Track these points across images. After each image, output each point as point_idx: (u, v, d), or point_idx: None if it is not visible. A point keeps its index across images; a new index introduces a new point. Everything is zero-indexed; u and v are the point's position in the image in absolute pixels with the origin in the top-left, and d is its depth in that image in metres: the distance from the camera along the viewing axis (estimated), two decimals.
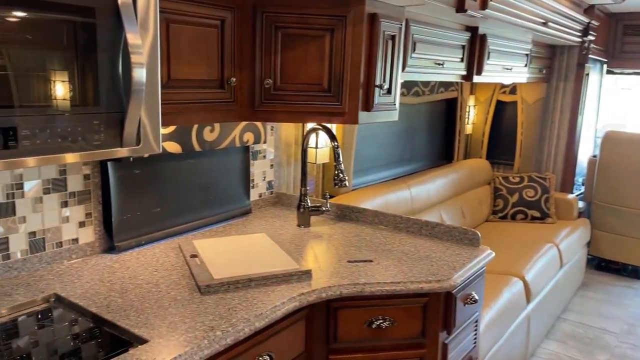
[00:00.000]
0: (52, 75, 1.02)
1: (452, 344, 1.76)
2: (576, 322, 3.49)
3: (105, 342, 1.23)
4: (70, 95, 1.05)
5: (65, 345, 1.21)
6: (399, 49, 1.97)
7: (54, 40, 1.02)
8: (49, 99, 1.02)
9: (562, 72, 4.10)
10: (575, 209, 4.07)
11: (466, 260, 1.79)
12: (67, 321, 1.32)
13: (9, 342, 1.20)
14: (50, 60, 1.02)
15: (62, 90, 1.04)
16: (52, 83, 1.02)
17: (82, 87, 1.07)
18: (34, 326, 1.29)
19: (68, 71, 1.04)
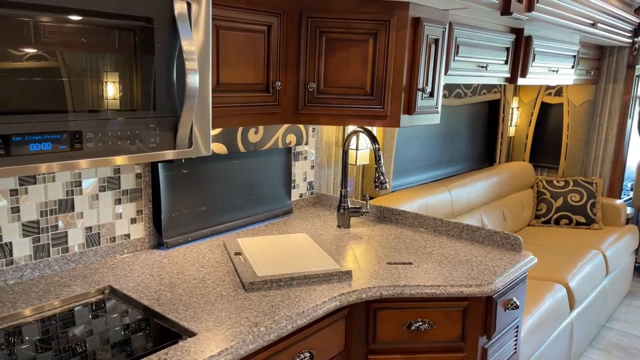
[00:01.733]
0: (114, 81, 1.09)
1: (491, 349, 1.75)
2: (622, 332, 3.37)
3: (156, 333, 1.30)
4: (129, 100, 1.12)
5: (118, 335, 1.28)
6: (442, 52, 1.97)
7: (116, 48, 1.08)
8: (111, 104, 1.09)
9: (611, 74, 3.96)
10: (623, 215, 3.94)
11: (507, 265, 1.78)
12: (120, 312, 1.40)
13: (66, 331, 1.29)
14: (112, 67, 1.09)
15: (122, 96, 1.11)
16: (113, 88, 1.09)
17: (141, 92, 1.14)
18: (89, 316, 1.38)
19: (128, 77, 1.11)
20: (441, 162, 3.48)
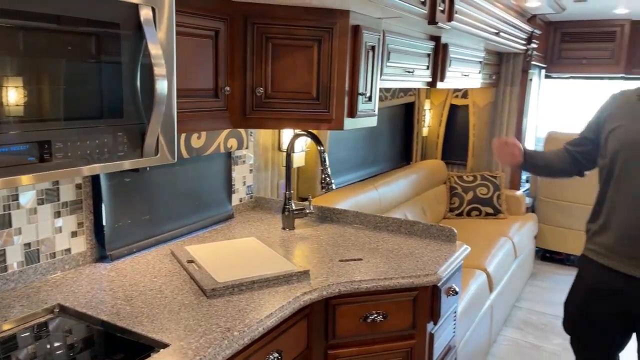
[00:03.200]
0: (80, 88, 1.04)
1: (437, 334, 1.89)
2: (530, 310, 3.75)
3: (125, 348, 1.25)
4: (97, 108, 1.08)
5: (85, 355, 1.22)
6: (378, 58, 2.08)
7: (82, 55, 1.04)
8: (78, 112, 1.04)
9: (508, 78, 4.39)
10: (523, 205, 4.37)
11: (447, 255, 1.93)
12: (78, 330, 1.33)
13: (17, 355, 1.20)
14: (78, 74, 1.04)
15: (89, 103, 1.06)
16: (80, 96, 1.04)
17: (107, 100, 1.10)
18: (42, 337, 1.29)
19: (95, 85, 1.07)
20: (367, 162, 3.64)
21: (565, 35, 5.06)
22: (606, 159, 1.88)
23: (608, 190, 1.87)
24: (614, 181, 1.85)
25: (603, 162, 1.91)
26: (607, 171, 1.88)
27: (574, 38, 5.03)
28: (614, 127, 1.85)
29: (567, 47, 5.09)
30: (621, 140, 1.82)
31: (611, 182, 1.86)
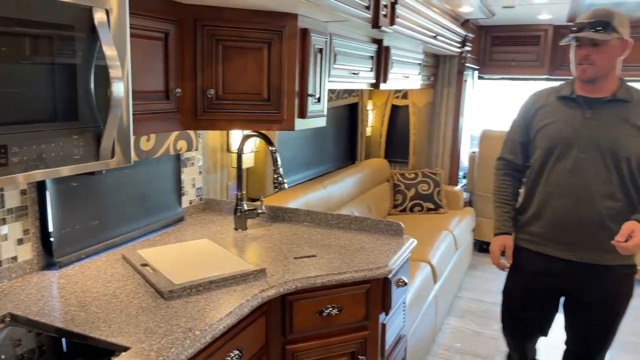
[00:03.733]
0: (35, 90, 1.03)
1: (388, 324, 1.97)
2: (470, 299, 3.96)
3: (85, 354, 1.24)
4: (51, 111, 1.06)
5: None
6: (326, 60, 2.14)
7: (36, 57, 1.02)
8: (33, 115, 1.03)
9: (445, 79, 4.61)
10: (461, 200, 4.61)
11: (396, 248, 2.02)
12: (33, 338, 1.30)
13: None
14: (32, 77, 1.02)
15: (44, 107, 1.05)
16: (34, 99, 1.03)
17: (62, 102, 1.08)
18: None
19: (49, 88, 1.05)
20: (313, 162, 3.71)
21: (496, 39, 5.37)
22: (536, 155, 2.04)
23: (539, 183, 2.04)
24: (545, 175, 2.01)
25: (533, 158, 2.07)
26: (538, 166, 2.03)
27: (503, 42, 5.34)
28: (543, 125, 2.01)
29: (497, 50, 5.40)
30: (551, 137, 1.98)
31: (542, 176, 2.02)
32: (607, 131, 1.91)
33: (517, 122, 2.15)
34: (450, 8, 3.93)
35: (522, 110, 2.12)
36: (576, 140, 1.94)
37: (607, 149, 1.90)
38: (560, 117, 1.99)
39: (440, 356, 3.12)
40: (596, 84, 1.93)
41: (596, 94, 1.95)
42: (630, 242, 1.76)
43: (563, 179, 1.96)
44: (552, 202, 1.99)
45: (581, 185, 1.93)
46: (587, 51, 1.88)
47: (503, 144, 2.21)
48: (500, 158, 2.21)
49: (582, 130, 1.93)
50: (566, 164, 1.95)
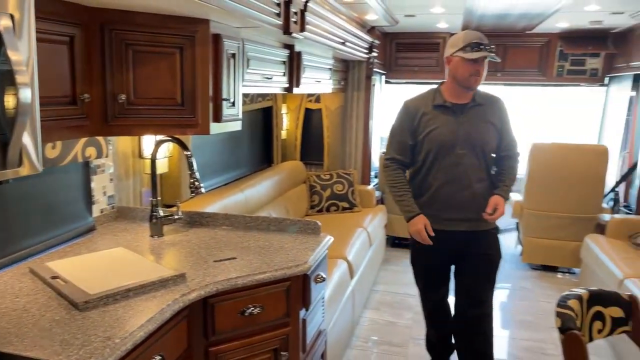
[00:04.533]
0: None
1: (309, 319, 2.05)
2: (385, 291, 4.17)
3: None
4: None
5: None
6: (239, 65, 2.18)
7: None
8: None
9: (355, 84, 4.80)
10: (374, 198, 4.82)
11: (314, 246, 2.11)
12: None
13: None
14: None
15: None
16: None
17: None
18: None
19: None
20: (229, 166, 3.70)
21: (400, 46, 5.70)
22: (425, 154, 2.50)
23: (430, 175, 2.52)
24: (435, 169, 2.50)
25: (422, 157, 2.52)
26: (430, 162, 2.50)
27: (406, 48, 5.68)
28: (429, 131, 2.48)
29: (401, 55, 5.73)
30: (437, 140, 2.47)
31: (433, 169, 2.51)
32: (476, 131, 2.48)
33: (402, 127, 2.55)
34: (357, 15, 4.12)
35: (406, 118, 2.54)
36: (456, 140, 2.45)
37: (478, 145, 2.48)
38: (441, 123, 2.48)
39: (359, 348, 3.26)
40: (467, 92, 2.47)
41: (462, 101, 2.49)
42: (496, 214, 2.45)
43: (449, 171, 2.48)
44: (443, 189, 2.50)
45: (462, 174, 2.48)
46: (479, 66, 2.39)
47: (389, 146, 2.61)
48: (391, 158, 2.59)
49: (459, 132, 2.46)
50: (450, 159, 2.47)
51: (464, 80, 2.41)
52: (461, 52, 2.39)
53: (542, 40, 5.43)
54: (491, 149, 2.53)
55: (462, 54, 2.38)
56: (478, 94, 2.51)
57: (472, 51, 2.36)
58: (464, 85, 2.43)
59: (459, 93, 2.47)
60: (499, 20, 4.50)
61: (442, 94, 2.50)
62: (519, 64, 5.52)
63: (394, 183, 2.57)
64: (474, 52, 2.36)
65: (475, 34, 2.42)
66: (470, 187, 2.48)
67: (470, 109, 2.48)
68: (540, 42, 5.45)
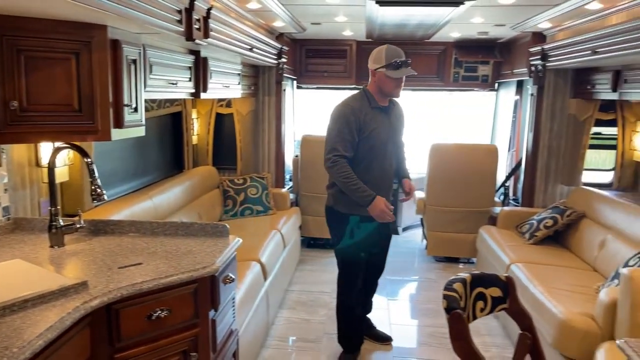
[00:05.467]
0: None
1: (218, 319, 2.09)
2: (300, 291, 4.28)
3: None
4: None
5: None
6: (140, 71, 2.18)
7: None
8: None
9: (265, 88, 4.89)
10: (288, 200, 4.93)
11: (222, 248, 2.15)
12: None
13: None
14: None
15: None
16: None
17: None
18: None
19: None
20: (137, 173, 3.63)
21: (309, 52, 5.86)
22: (367, 149, 2.87)
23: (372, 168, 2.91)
24: (375, 162, 2.91)
25: (364, 152, 2.87)
26: (371, 156, 2.89)
27: (316, 54, 5.86)
28: (372, 130, 2.86)
29: (311, 61, 5.90)
30: (377, 138, 2.88)
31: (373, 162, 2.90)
32: (397, 129, 3.07)
33: (350, 126, 2.84)
34: (264, 22, 4.21)
35: (353, 118, 2.85)
36: (388, 138, 2.95)
37: (398, 140, 3.11)
38: (379, 123, 2.91)
39: (275, 347, 3.34)
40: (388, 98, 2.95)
41: (386, 104, 2.97)
42: (411, 195, 3.18)
43: (384, 164, 2.97)
44: (382, 179, 2.97)
45: (390, 166, 3.03)
46: (401, 81, 2.87)
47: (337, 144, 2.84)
48: (338, 155, 2.84)
49: (390, 131, 2.98)
50: (385, 154, 2.95)
51: (389, 92, 2.89)
52: (385, 69, 2.80)
53: (440, 49, 5.85)
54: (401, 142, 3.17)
55: (386, 72, 2.79)
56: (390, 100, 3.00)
57: (394, 70, 2.78)
58: (388, 95, 2.93)
59: (384, 98, 2.95)
60: (399, 30, 4.79)
61: (374, 98, 2.92)
62: (420, 70, 5.77)
63: (346, 175, 2.81)
64: (397, 72, 2.79)
65: (395, 50, 2.83)
66: (392, 176, 3.09)
67: (391, 111, 3.01)
68: (438, 50, 5.86)
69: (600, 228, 3.63)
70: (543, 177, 4.61)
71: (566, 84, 4.41)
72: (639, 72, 3.35)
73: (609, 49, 3.12)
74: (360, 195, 2.83)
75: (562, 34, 4.13)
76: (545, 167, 4.58)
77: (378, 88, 2.89)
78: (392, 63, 2.79)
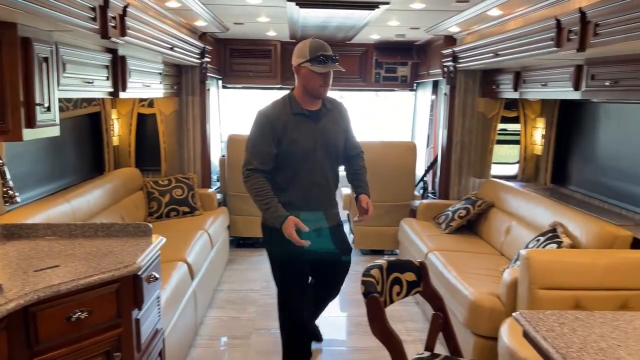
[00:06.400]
0: None
1: (143, 319, 2.09)
2: (229, 290, 4.30)
3: None
4: None
5: None
6: (53, 69, 2.13)
7: None
8: None
9: (189, 88, 4.84)
10: (215, 201, 4.91)
11: (145, 247, 2.15)
12: None
13: None
14: None
15: None
16: None
17: None
18: None
19: None
20: (54, 176, 3.48)
21: (234, 52, 5.87)
22: (288, 161, 2.58)
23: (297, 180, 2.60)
24: (302, 174, 2.59)
25: (286, 163, 2.58)
26: (295, 168, 2.58)
27: (241, 54, 5.88)
28: (293, 139, 2.54)
29: (236, 61, 5.91)
30: (301, 148, 2.55)
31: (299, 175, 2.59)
32: (331, 136, 2.65)
33: (264, 137, 2.54)
34: (185, 21, 4.17)
35: (268, 128, 2.53)
36: (316, 147, 2.58)
37: (333, 149, 2.66)
38: (303, 131, 2.56)
39: (204, 346, 3.34)
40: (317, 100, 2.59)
41: (315, 107, 2.62)
42: (370, 212, 2.71)
43: (315, 176, 2.62)
44: (311, 192, 2.63)
45: (324, 177, 2.65)
46: (327, 77, 2.50)
47: (250, 156, 2.56)
48: (253, 169, 2.54)
49: (318, 138, 2.59)
50: (314, 164, 2.60)
51: (314, 90, 2.51)
52: (309, 64, 2.46)
53: (361, 50, 6.07)
54: (341, 150, 2.74)
55: (310, 67, 2.45)
56: (326, 100, 2.65)
57: (319, 64, 2.45)
58: (313, 95, 2.54)
59: (312, 100, 2.58)
60: (321, 31, 4.93)
61: (298, 102, 2.58)
62: None
63: (258, 192, 2.52)
64: (321, 66, 2.45)
65: (319, 43, 2.50)
66: (328, 188, 2.69)
67: (324, 115, 2.63)
68: (360, 52, 6.08)
69: (506, 216, 3.96)
70: (457, 171, 4.94)
71: (475, 84, 4.76)
72: (535, 73, 3.70)
73: (508, 51, 3.42)
74: (270, 216, 2.52)
75: (470, 38, 4.45)
76: (459, 161, 4.91)
77: (303, 88, 2.54)
78: (317, 57, 2.44)
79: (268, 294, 4.16)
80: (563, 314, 1.68)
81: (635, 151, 3.39)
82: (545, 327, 1.58)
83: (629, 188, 3.45)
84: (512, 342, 2.35)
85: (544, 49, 2.91)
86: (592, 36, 2.46)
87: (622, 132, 3.67)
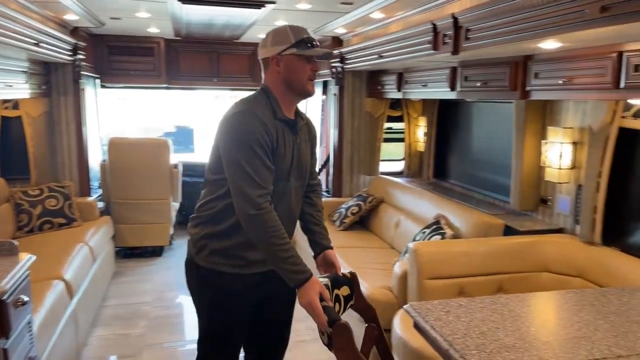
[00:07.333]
0: None
1: (12, 348, 1.85)
2: (117, 305, 3.99)
3: None
4: None
5: None
6: None
7: None
8: None
9: (60, 88, 4.41)
10: (96, 210, 4.53)
11: (10, 267, 1.90)
12: None
13: None
14: None
15: None
16: None
17: None
18: None
19: None
20: None
21: (113, 49, 5.46)
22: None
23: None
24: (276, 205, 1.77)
25: None
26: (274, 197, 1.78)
27: (120, 51, 5.48)
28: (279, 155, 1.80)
29: (115, 59, 5.50)
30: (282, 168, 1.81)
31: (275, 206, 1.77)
32: (303, 154, 1.91)
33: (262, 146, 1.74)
34: (53, 15, 3.79)
35: (262, 137, 1.74)
36: (293, 168, 1.87)
37: (304, 171, 1.93)
38: (286, 144, 1.83)
39: None
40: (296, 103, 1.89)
41: (290, 115, 1.87)
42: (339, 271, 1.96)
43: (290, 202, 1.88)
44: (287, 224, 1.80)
45: (293, 211, 1.91)
46: (317, 66, 1.84)
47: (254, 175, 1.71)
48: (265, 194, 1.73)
49: (295, 158, 1.86)
50: (291, 188, 1.87)
51: (300, 85, 1.82)
52: (295, 49, 1.79)
53: (251, 50, 5.97)
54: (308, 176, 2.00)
55: (298, 52, 1.79)
56: (298, 109, 1.94)
57: (308, 48, 1.80)
58: (299, 93, 1.85)
59: (292, 103, 1.89)
60: (207, 29, 4.77)
61: (278, 104, 1.84)
62: (232, 70, 5.96)
63: (274, 230, 1.71)
64: (311, 50, 1.81)
65: (300, 27, 1.85)
66: (295, 221, 1.95)
67: (301, 127, 1.92)
68: (249, 51, 5.98)
69: (395, 210, 4.15)
70: (349, 169, 5.07)
71: (362, 85, 4.92)
72: (416, 75, 3.92)
73: (391, 53, 3.57)
74: (288, 269, 1.71)
75: (356, 39, 4.59)
76: (350, 160, 5.05)
77: (286, 83, 1.82)
78: (303, 39, 1.80)
79: (160, 306, 3.95)
80: (449, 302, 1.77)
81: (502, 145, 3.72)
82: (433, 316, 1.65)
83: (498, 179, 3.79)
84: (404, 332, 2.45)
85: (423, 52, 3.08)
86: (464, 40, 2.64)
87: (491, 129, 4.02)
